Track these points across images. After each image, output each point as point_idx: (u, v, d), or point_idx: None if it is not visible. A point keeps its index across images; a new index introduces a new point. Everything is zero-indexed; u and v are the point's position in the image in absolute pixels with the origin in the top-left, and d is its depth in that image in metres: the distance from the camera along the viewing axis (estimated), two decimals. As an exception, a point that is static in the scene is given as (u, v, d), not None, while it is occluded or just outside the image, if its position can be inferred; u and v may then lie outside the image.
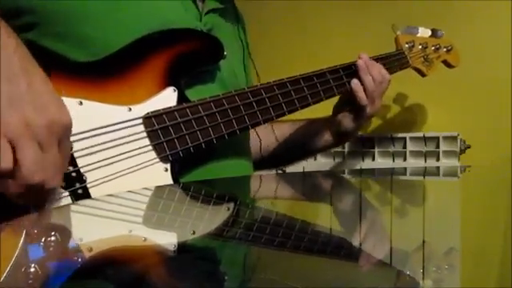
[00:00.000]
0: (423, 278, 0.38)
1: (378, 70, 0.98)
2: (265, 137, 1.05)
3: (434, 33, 1.17)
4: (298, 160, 1.23)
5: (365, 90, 0.96)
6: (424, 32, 1.16)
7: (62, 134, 0.59)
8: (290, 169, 1.29)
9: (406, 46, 1.11)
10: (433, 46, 1.16)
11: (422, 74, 1.15)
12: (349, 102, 0.99)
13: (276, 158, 1.09)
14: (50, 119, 0.57)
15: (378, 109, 1.01)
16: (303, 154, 1.18)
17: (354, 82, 0.96)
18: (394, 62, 1.05)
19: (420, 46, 1.13)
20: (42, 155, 0.57)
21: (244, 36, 0.99)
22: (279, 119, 0.87)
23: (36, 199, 0.60)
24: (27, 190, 0.57)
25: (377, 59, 1.01)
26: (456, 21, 1.33)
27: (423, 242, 0.49)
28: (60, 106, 0.59)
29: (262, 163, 1.06)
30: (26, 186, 0.57)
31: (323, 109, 1.02)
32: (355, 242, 0.50)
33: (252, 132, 0.99)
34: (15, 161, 0.55)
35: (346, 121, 1.01)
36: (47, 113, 0.57)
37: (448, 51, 1.18)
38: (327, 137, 1.06)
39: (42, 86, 0.59)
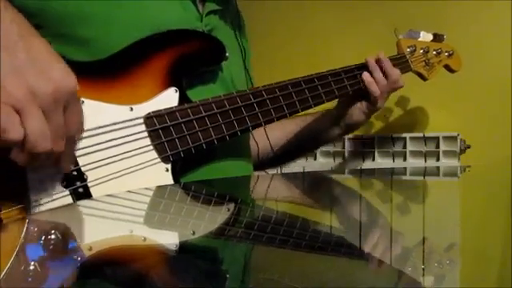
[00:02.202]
0: (423, 274, 0.38)
1: (389, 66, 1.01)
2: (262, 142, 1.05)
3: (436, 37, 1.17)
4: (301, 156, 1.27)
5: (377, 83, 0.99)
6: (426, 36, 1.16)
7: (68, 98, 0.57)
8: (290, 169, 1.29)
9: (408, 50, 1.11)
10: (434, 50, 1.16)
11: (424, 78, 1.15)
12: (359, 96, 1.01)
13: (279, 157, 1.09)
14: (54, 85, 0.56)
15: (382, 105, 1.04)
16: (309, 148, 1.22)
17: (366, 75, 0.99)
18: (395, 65, 1.06)
19: (421, 51, 1.13)
20: (46, 124, 0.55)
21: (244, 38, 0.99)
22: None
23: (46, 164, 0.60)
24: (34, 158, 0.56)
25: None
26: (456, 21, 1.33)
27: (423, 238, 0.49)
28: (63, 70, 0.58)
29: (260, 166, 1.06)
30: (34, 154, 0.56)
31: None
32: (356, 242, 0.50)
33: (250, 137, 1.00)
34: None
35: (357, 113, 1.04)
36: (51, 79, 0.56)
37: (449, 56, 1.19)
38: (335, 130, 1.08)
39: (42, 51, 0.57)
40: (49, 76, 0.56)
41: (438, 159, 1.26)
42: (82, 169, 0.67)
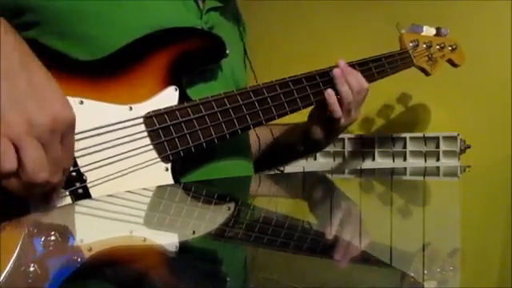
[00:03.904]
0: (423, 280, 0.38)
1: (356, 78, 0.91)
2: (263, 136, 1.04)
3: (439, 32, 1.17)
4: (272, 166, 1.18)
5: (340, 101, 0.89)
6: (428, 31, 1.15)
7: (65, 130, 0.58)
8: (290, 169, 1.29)
9: (411, 44, 1.10)
10: (437, 44, 1.15)
11: (427, 73, 1.15)
12: (323, 111, 0.91)
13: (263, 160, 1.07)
14: (52, 117, 0.56)
15: (355, 119, 0.94)
16: (280, 160, 1.14)
17: (328, 93, 0.89)
18: (397, 60, 1.05)
19: (424, 45, 1.13)
20: (44, 154, 0.56)
21: (244, 35, 0.99)
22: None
23: (41, 196, 0.60)
24: (31, 188, 0.57)
25: (380, 58, 1.00)
26: (456, 21, 1.33)
27: (423, 244, 0.49)
28: (62, 101, 0.58)
29: (260, 163, 1.06)
30: (30, 185, 0.56)
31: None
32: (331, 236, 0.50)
33: (251, 132, 0.99)
34: (18, 160, 0.55)
35: (318, 131, 0.94)
36: (49, 110, 0.56)
37: (453, 50, 1.18)
38: (299, 145, 1.01)
39: (43, 81, 0.58)
40: (47, 107, 0.56)
41: (438, 159, 1.26)
42: (82, 169, 0.67)
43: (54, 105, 0.57)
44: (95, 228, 0.53)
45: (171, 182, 0.73)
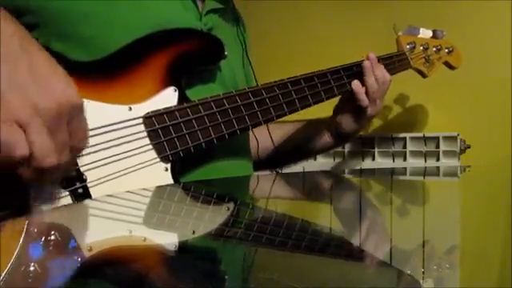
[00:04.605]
0: (423, 278, 0.38)
1: (381, 70, 0.98)
2: (262, 139, 1.05)
3: (436, 34, 1.17)
4: (297, 161, 1.22)
5: (367, 91, 0.96)
6: (425, 33, 1.16)
7: (72, 112, 0.57)
8: (290, 169, 1.29)
9: (407, 46, 1.11)
10: (434, 47, 1.16)
11: (423, 75, 1.15)
12: (350, 103, 0.98)
13: (275, 159, 1.09)
14: (56, 100, 0.55)
15: (380, 109, 1.00)
16: (303, 155, 1.17)
17: (355, 84, 0.95)
18: (395, 62, 1.05)
19: (421, 47, 1.13)
20: (50, 139, 0.55)
21: (244, 37, 0.99)
22: (281, 119, 0.87)
23: (50, 179, 0.59)
24: (41, 173, 0.56)
25: (378, 60, 1.01)
26: (456, 21, 1.33)
27: (423, 241, 0.49)
28: (66, 84, 0.57)
29: (259, 164, 1.06)
30: (38, 170, 0.55)
31: (328, 109, 1.02)
32: (355, 242, 0.50)
33: (250, 134, 0.99)
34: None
35: (347, 122, 1.00)
36: (53, 93, 0.55)
37: (449, 52, 1.18)
38: (327, 138, 1.05)
39: (45, 65, 0.57)
40: (51, 91, 0.55)
41: (437, 159, 1.26)
42: (81, 169, 0.67)
43: (57, 88, 0.56)
44: (95, 228, 0.53)
45: (171, 182, 0.73)
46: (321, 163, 1.38)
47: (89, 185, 0.67)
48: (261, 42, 1.40)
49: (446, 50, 1.18)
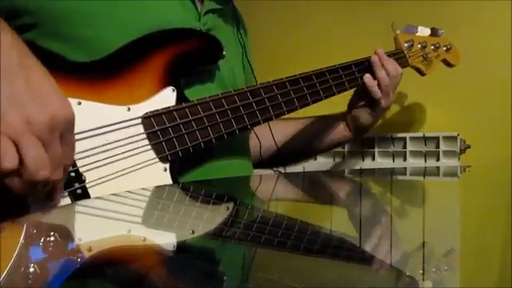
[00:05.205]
0: (423, 279, 0.38)
1: (392, 64, 1.01)
2: (265, 138, 1.05)
3: (434, 32, 1.17)
4: (306, 158, 1.25)
5: (379, 84, 0.99)
6: (423, 31, 1.16)
7: (65, 128, 0.58)
8: (291, 169, 1.29)
9: (406, 45, 1.11)
10: (432, 45, 1.16)
11: (422, 73, 1.15)
12: (363, 97, 1.02)
13: (279, 158, 1.09)
14: (51, 115, 0.56)
15: (393, 100, 1.04)
16: (313, 151, 1.19)
17: (367, 77, 0.99)
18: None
19: (419, 45, 1.13)
20: (44, 152, 0.56)
21: (243, 37, 0.99)
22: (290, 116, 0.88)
23: (42, 195, 0.60)
24: (32, 186, 0.57)
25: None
26: (456, 21, 1.33)
27: (423, 242, 0.49)
28: (61, 100, 0.59)
29: (263, 163, 1.06)
30: (31, 183, 0.56)
31: (327, 107, 1.02)
32: (368, 246, 0.50)
33: (252, 134, 0.99)
34: (19, 159, 0.55)
35: (363, 115, 1.04)
36: (48, 108, 0.56)
37: (447, 50, 1.19)
38: (344, 131, 1.08)
39: (41, 80, 0.58)
40: (46, 105, 0.56)
41: (438, 159, 1.26)
42: (80, 170, 0.67)
43: (52, 103, 0.57)
44: (95, 228, 0.53)
45: (170, 182, 0.73)
46: (321, 163, 1.38)
47: (88, 185, 0.67)
48: (261, 42, 1.40)
49: (444, 48, 1.18)
